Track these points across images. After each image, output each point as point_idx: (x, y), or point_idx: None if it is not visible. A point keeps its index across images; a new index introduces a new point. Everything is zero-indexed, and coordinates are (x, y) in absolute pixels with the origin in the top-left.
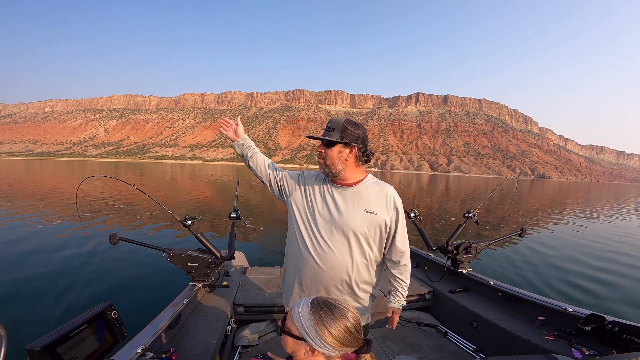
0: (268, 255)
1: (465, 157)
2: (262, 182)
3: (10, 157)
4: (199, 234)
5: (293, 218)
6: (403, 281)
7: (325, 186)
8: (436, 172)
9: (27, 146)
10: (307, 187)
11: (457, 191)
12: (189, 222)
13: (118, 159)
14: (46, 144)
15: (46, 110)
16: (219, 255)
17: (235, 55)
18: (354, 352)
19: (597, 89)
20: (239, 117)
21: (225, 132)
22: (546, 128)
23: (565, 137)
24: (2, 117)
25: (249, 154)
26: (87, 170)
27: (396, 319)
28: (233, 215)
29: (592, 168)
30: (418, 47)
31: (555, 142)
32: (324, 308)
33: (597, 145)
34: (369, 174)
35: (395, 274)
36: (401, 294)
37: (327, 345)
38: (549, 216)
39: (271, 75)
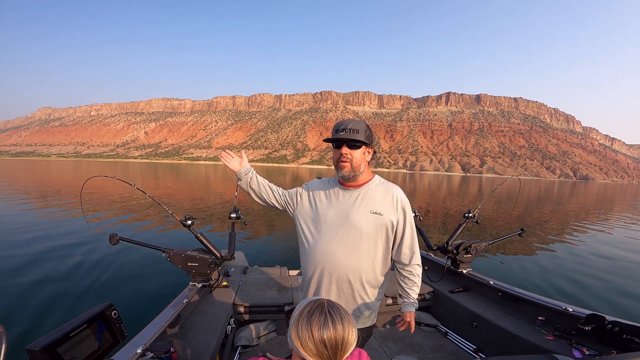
0: (268, 255)
1: (499, 157)
2: (267, 204)
3: (60, 158)
4: (199, 234)
5: (301, 224)
6: (414, 283)
7: (332, 189)
8: (468, 174)
9: (75, 148)
10: (312, 193)
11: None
12: (189, 222)
13: (157, 160)
14: (92, 145)
15: (92, 114)
16: (219, 255)
17: (263, 57)
18: None
19: None
20: (243, 151)
21: (228, 163)
22: (590, 127)
23: (611, 136)
24: (52, 121)
25: (251, 180)
26: (129, 171)
27: (412, 323)
28: (233, 215)
29: None
30: (447, 41)
31: (600, 141)
32: (314, 308)
33: None
34: (376, 175)
35: (406, 276)
36: (412, 296)
37: (291, 341)
38: (573, 221)
39: (299, 77)
